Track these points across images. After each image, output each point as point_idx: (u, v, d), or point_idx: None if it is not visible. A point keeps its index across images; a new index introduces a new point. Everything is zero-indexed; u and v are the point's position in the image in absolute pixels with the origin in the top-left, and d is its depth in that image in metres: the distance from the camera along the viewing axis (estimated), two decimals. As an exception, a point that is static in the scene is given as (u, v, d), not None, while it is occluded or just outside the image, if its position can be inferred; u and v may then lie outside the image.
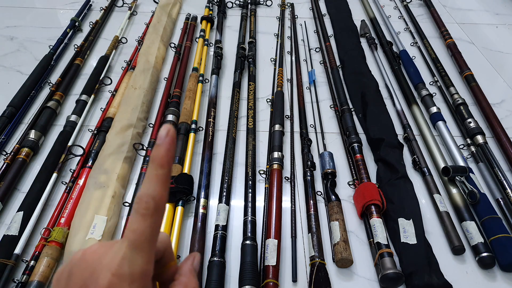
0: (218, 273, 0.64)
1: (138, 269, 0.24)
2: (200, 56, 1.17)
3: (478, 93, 1.07)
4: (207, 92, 1.07)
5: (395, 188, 0.79)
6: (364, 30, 1.35)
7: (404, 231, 0.71)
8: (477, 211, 0.77)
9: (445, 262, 0.71)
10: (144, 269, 0.24)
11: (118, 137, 0.85)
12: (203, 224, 0.73)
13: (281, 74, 1.12)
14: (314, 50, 1.27)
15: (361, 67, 1.16)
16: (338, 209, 0.76)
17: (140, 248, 0.24)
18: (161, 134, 0.25)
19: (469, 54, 1.24)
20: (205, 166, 0.83)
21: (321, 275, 0.65)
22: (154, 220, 0.24)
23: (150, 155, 0.25)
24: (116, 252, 0.23)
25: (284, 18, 1.43)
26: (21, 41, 1.25)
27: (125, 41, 1.25)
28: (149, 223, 0.24)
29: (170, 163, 0.25)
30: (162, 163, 0.24)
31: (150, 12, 1.41)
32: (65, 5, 1.47)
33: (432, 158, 0.90)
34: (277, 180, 0.81)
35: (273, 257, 0.67)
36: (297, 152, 0.92)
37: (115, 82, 1.08)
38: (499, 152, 0.93)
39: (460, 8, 1.58)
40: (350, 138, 0.91)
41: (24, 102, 0.98)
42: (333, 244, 0.71)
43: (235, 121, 0.96)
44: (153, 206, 0.24)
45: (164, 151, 0.24)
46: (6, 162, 0.81)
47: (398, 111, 1.02)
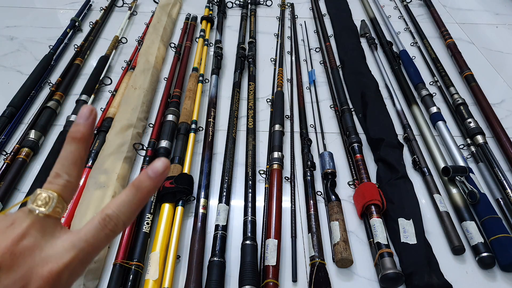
0: (218, 273, 0.64)
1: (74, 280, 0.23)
2: (200, 56, 1.17)
3: (478, 93, 1.07)
4: (207, 92, 1.07)
5: (395, 188, 0.79)
6: (364, 30, 1.35)
7: (404, 231, 0.71)
8: (477, 211, 0.77)
9: (445, 262, 0.71)
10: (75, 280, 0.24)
11: (118, 137, 0.85)
12: (203, 224, 0.73)
13: (281, 74, 1.12)
14: (314, 50, 1.27)
15: (361, 67, 1.16)
16: (338, 209, 0.76)
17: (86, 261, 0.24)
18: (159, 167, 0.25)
19: (469, 54, 1.24)
20: (205, 166, 0.83)
21: (321, 275, 0.65)
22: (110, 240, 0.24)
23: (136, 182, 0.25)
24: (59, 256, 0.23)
25: (284, 18, 1.43)
26: (21, 41, 1.25)
27: (125, 41, 1.25)
28: (106, 242, 0.24)
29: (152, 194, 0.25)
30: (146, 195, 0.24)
31: (150, 12, 1.41)
32: (65, 5, 1.47)
33: (432, 158, 0.90)
34: (277, 180, 0.81)
35: (273, 257, 0.67)
36: (297, 152, 0.92)
37: (115, 82, 1.08)
38: (499, 152, 0.93)
39: (460, 8, 1.58)
40: (350, 138, 0.91)
41: (24, 102, 0.98)
42: (333, 244, 0.71)
43: (235, 121, 0.96)
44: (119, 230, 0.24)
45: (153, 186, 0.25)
46: (6, 162, 0.81)
47: (398, 111, 1.02)
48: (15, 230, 0.23)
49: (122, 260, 0.65)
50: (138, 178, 0.25)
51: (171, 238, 0.70)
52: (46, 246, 0.23)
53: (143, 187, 0.24)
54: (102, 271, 0.67)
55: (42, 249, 0.23)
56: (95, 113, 0.27)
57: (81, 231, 0.24)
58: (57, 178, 0.25)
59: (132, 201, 0.24)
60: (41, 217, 0.23)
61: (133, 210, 0.24)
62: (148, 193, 0.25)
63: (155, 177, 0.25)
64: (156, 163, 0.25)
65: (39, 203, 0.24)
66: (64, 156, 0.26)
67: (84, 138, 0.26)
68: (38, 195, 0.24)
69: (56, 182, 0.25)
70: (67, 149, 0.26)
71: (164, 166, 0.25)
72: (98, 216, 0.24)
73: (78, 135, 0.26)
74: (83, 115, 0.26)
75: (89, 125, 0.26)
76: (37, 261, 0.22)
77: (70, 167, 0.25)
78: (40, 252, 0.22)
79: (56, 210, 0.24)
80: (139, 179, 0.25)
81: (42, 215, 0.23)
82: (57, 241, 0.23)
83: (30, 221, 0.23)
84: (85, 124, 0.26)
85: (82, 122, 0.26)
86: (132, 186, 0.24)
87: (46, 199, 0.24)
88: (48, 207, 0.24)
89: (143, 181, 0.24)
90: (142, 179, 0.24)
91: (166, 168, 0.25)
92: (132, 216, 0.24)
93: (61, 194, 0.25)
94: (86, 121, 0.26)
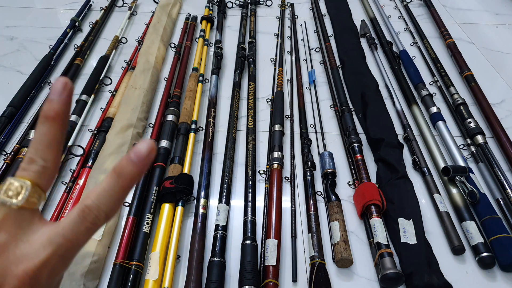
0: (218, 273, 0.64)
1: (56, 278, 0.21)
2: (200, 56, 1.17)
3: (478, 93, 1.07)
4: (207, 92, 1.07)
5: (395, 188, 0.79)
6: (364, 30, 1.35)
7: (404, 231, 0.71)
8: (477, 211, 0.77)
9: (445, 262, 0.71)
10: (59, 279, 0.22)
11: (118, 137, 0.85)
12: (203, 224, 0.73)
13: (281, 74, 1.12)
14: (314, 50, 1.27)
15: (361, 67, 1.16)
16: (338, 209, 0.76)
17: (67, 258, 0.21)
18: (142, 149, 0.21)
19: (469, 54, 1.24)
20: (205, 166, 0.83)
21: (321, 275, 0.65)
22: (92, 234, 0.22)
23: (117, 168, 0.22)
24: (35, 253, 0.20)
25: (284, 18, 1.43)
26: (21, 41, 1.25)
27: (125, 41, 1.25)
28: (88, 236, 0.21)
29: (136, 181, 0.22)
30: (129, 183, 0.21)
31: (150, 12, 1.41)
32: (65, 5, 1.47)
33: (432, 158, 0.90)
34: (277, 180, 0.81)
35: (273, 257, 0.67)
36: (297, 152, 0.91)
37: (115, 82, 1.08)
38: (499, 152, 0.93)
39: (460, 8, 1.58)
40: (350, 138, 0.91)
41: (24, 102, 0.98)
42: (333, 244, 0.71)
43: (235, 121, 0.96)
44: (101, 222, 0.21)
45: (137, 171, 0.21)
46: (6, 162, 0.81)
47: (398, 111, 1.02)
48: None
49: (122, 260, 0.65)
50: (119, 162, 0.21)
51: (171, 238, 0.70)
52: (22, 242, 0.20)
53: (125, 173, 0.21)
54: (102, 271, 0.67)
55: (16, 245, 0.20)
56: (70, 87, 0.23)
57: (59, 224, 0.21)
58: (31, 164, 0.22)
59: (113, 190, 0.21)
60: (14, 210, 0.21)
61: (116, 199, 0.21)
62: (132, 180, 0.21)
63: (139, 161, 0.21)
64: (140, 145, 0.21)
65: (10, 194, 0.21)
66: (37, 139, 0.22)
67: (59, 117, 0.22)
68: (8, 185, 0.21)
69: (30, 168, 0.22)
70: (41, 130, 0.22)
71: (149, 148, 0.21)
72: (77, 207, 0.21)
73: (51, 114, 0.22)
74: (56, 90, 0.22)
75: (64, 101, 0.22)
76: (11, 259, 0.20)
77: (45, 151, 0.22)
78: (14, 248, 0.20)
79: (31, 201, 0.21)
80: (121, 164, 0.21)
81: (15, 207, 0.21)
82: (34, 236, 0.21)
83: (2, 215, 0.21)
84: (59, 100, 0.22)
85: (55, 98, 0.22)
86: (113, 173, 0.21)
87: (18, 189, 0.21)
88: (20, 198, 0.21)
89: (125, 166, 0.21)
90: (124, 164, 0.21)
91: (150, 150, 0.21)
92: (115, 207, 0.21)
93: (36, 181, 0.22)
94: (60, 97, 0.22)
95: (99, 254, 0.66)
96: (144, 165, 0.22)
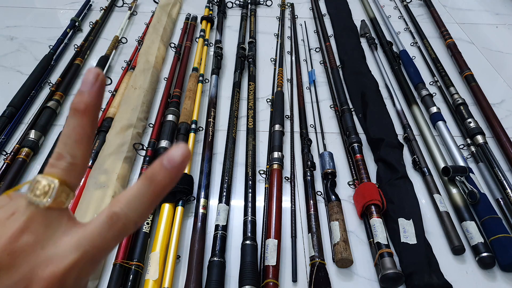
0: (218, 273, 0.64)
1: (84, 281, 0.21)
2: (200, 56, 1.17)
3: (478, 93, 1.07)
4: (207, 92, 1.07)
5: (395, 188, 0.79)
6: (364, 30, 1.35)
7: (404, 231, 0.71)
8: (477, 211, 0.77)
9: (445, 262, 0.71)
10: (85, 283, 0.21)
11: (118, 137, 0.85)
12: (203, 224, 0.73)
13: (281, 74, 1.12)
14: (314, 50, 1.27)
15: (361, 67, 1.16)
16: (338, 209, 0.76)
17: (94, 262, 0.21)
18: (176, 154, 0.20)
19: (469, 54, 1.24)
20: (205, 166, 0.83)
21: (321, 275, 0.65)
22: (121, 240, 0.21)
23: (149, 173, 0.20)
24: (63, 256, 0.20)
25: (284, 18, 1.43)
26: (21, 41, 1.25)
27: (125, 41, 1.25)
28: (116, 243, 0.21)
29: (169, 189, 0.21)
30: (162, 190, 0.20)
31: (150, 12, 1.41)
32: (65, 5, 1.47)
33: (432, 158, 0.90)
34: (277, 180, 0.81)
35: (273, 257, 0.67)
36: (297, 152, 0.91)
37: (115, 82, 1.08)
38: (499, 152, 0.93)
39: (460, 8, 1.58)
40: (350, 138, 0.91)
41: (24, 102, 0.98)
42: (333, 244, 0.71)
43: (235, 121, 0.96)
44: (130, 231, 0.20)
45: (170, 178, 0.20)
46: (6, 162, 0.81)
47: (398, 111, 1.02)
48: (14, 223, 0.19)
49: (122, 260, 0.65)
50: (152, 168, 0.20)
51: (171, 238, 0.70)
52: (49, 243, 0.20)
53: (157, 180, 0.20)
54: (102, 271, 0.67)
55: (44, 246, 0.20)
56: (102, 78, 0.22)
57: (87, 228, 0.20)
58: (59, 160, 0.21)
59: (144, 196, 0.20)
60: (42, 209, 0.20)
61: (146, 207, 0.20)
62: (164, 187, 0.20)
63: (172, 167, 0.20)
64: (174, 150, 0.20)
65: (37, 193, 0.20)
66: (66, 133, 0.22)
67: (90, 110, 0.21)
68: (36, 183, 0.20)
69: (58, 165, 0.21)
70: (70, 124, 0.22)
71: (183, 154, 0.20)
72: (106, 212, 0.20)
73: (81, 106, 0.21)
74: (88, 81, 0.21)
75: (95, 93, 0.21)
76: (39, 261, 0.19)
77: (74, 146, 0.21)
78: (41, 250, 0.19)
79: (59, 200, 0.20)
80: (153, 169, 0.20)
81: (42, 206, 0.20)
82: (62, 238, 0.20)
83: (30, 214, 0.20)
84: (90, 92, 0.21)
85: (86, 90, 0.21)
86: (144, 178, 0.20)
87: (46, 188, 0.20)
88: (48, 197, 0.20)
89: (157, 172, 0.20)
90: (157, 170, 0.20)
91: (185, 156, 0.20)
92: (145, 215, 0.21)
93: (64, 179, 0.21)
94: (92, 88, 0.21)
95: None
96: (178, 172, 0.20)
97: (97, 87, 0.21)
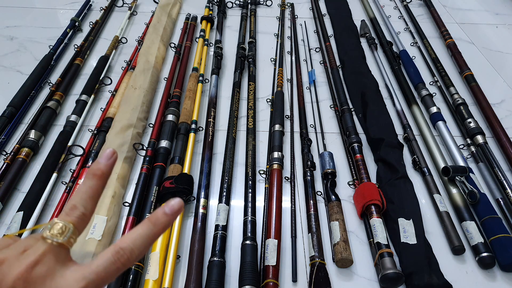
0: (218, 273, 0.64)
1: None
2: (200, 56, 1.17)
3: (478, 93, 1.07)
4: (207, 92, 1.07)
5: (395, 188, 0.79)
6: (364, 30, 1.35)
7: (404, 231, 0.71)
8: (477, 211, 0.77)
9: (445, 262, 0.71)
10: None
11: (118, 137, 0.85)
12: (203, 224, 0.73)
13: (281, 74, 1.12)
14: (314, 50, 1.27)
15: (361, 67, 1.16)
16: (338, 209, 0.76)
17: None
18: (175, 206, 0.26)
19: (469, 54, 1.24)
20: (205, 166, 0.83)
21: (321, 275, 0.65)
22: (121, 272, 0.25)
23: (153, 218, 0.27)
24: (68, 286, 0.23)
25: (284, 18, 1.43)
26: (21, 41, 1.25)
27: (125, 41, 1.25)
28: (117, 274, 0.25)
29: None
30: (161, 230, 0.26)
31: (150, 12, 1.41)
32: (65, 5, 1.47)
33: (432, 158, 0.90)
34: (277, 180, 0.81)
35: (273, 257, 0.67)
36: (297, 152, 0.91)
37: (115, 82, 1.08)
38: (499, 152, 0.93)
39: (460, 8, 1.58)
40: (350, 138, 0.91)
41: (24, 102, 0.98)
42: (333, 244, 0.71)
43: (235, 121, 0.96)
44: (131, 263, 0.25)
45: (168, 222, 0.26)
46: (6, 162, 0.81)
47: (398, 111, 1.02)
48: (30, 257, 0.23)
49: (122, 260, 0.65)
50: (155, 214, 0.26)
51: (171, 238, 0.70)
52: (57, 276, 0.23)
53: (159, 223, 0.26)
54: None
55: (53, 278, 0.23)
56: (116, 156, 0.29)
57: (92, 263, 0.24)
58: (74, 210, 0.26)
59: (148, 235, 0.25)
60: (55, 246, 0.24)
61: (147, 244, 0.25)
62: (164, 228, 0.26)
63: (171, 214, 0.26)
64: (173, 201, 0.27)
65: (55, 232, 0.25)
66: (83, 190, 0.27)
67: (104, 176, 0.28)
68: (55, 224, 0.25)
69: (73, 214, 0.26)
70: (87, 183, 0.28)
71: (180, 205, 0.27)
72: (112, 249, 0.25)
73: (98, 173, 0.28)
74: (106, 156, 0.29)
75: (110, 166, 0.29)
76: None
77: (87, 201, 0.27)
78: (51, 281, 0.23)
79: (70, 241, 0.25)
80: (156, 215, 0.26)
81: (56, 243, 0.24)
82: (67, 272, 0.24)
83: (44, 249, 0.24)
84: (106, 164, 0.28)
85: (104, 162, 0.28)
86: (148, 221, 0.26)
87: (63, 229, 0.25)
88: (63, 236, 0.25)
89: (160, 217, 0.26)
90: (160, 215, 0.26)
91: (181, 207, 0.27)
92: (145, 250, 0.25)
93: (76, 225, 0.26)
94: (107, 161, 0.28)
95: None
96: (175, 218, 0.27)
97: (111, 162, 0.29)
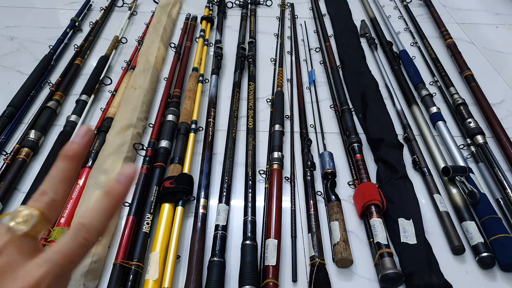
0: (218, 273, 0.64)
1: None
2: (200, 56, 1.17)
3: (478, 93, 1.07)
4: (207, 92, 1.07)
5: (395, 188, 0.79)
6: (364, 30, 1.35)
7: (404, 231, 0.71)
8: (477, 211, 0.77)
9: (445, 262, 0.71)
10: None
11: (118, 137, 0.85)
12: (203, 224, 0.73)
13: (281, 74, 1.12)
14: (314, 50, 1.27)
15: (361, 67, 1.16)
16: (338, 209, 0.76)
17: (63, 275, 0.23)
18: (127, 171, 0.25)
19: (469, 54, 1.24)
20: (205, 166, 0.83)
21: (321, 275, 0.65)
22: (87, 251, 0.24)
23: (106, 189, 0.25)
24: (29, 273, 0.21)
25: (284, 18, 1.43)
26: (21, 41, 1.25)
27: (125, 41, 1.25)
28: (82, 252, 0.23)
29: (124, 199, 0.26)
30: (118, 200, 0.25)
31: (150, 12, 1.41)
32: (65, 5, 1.47)
33: (432, 158, 0.90)
34: (277, 180, 0.81)
35: (273, 257, 0.67)
36: (297, 152, 0.91)
37: (115, 82, 1.08)
38: (499, 152, 0.93)
39: (460, 8, 1.58)
40: (350, 138, 0.91)
41: (24, 102, 0.98)
42: (333, 244, 0.71)
43: (235, 121, 0.96)
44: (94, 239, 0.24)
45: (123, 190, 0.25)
46: (6, 162, 0.81)
47: (398, 111, 1.02)
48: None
49: (122, 260, 0.65)
50: (108, 185, 0.25)
51: (171, 238, 0.70)
52: (19, 267, 0.22)
53: (115, 193, 0.25)
54: (102, 271, 0.67)
55: (14, 269, 0.22)
56: (91, 134, 0.27)
57: (54, 245, 0.23)
58: (42, 195, 0.25)
59: (105, 207, 0.24)
60: (19, 235, 0.23)
61: (107, 216, 0.24)
62: (120, 197, 0.25)
63: (124, 181, 0.25)
64: (125, 168, 0.26)
65: (18, 220, 0.23)
66: (53, 174, 0.25)
67: (76, 157, 0.26)
68: (18, 212, 0.23)
69: (41, 200, 0.24)
70: (58, 166, 0.26)
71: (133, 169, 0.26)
72: (72, 226, 0.24)
73: (70, 153, 0.26)
74: (79, 135, 0.26)
75: (83, 145, 0.26)
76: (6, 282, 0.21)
77: (57, 185, 0.25)
78: (11, 272, 0.21)
79: (35, 229, 0.23)
80: (110, 186, 0.25)
81: (20, 233, 0.23)
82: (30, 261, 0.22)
83: (7, 239, 0.22)
84: (79, 143, 0.26)
85: (76, 141, 0.26)
86: (104, 194, 0.25)
87: (27, 217, 0.23)
88: (27, 224, 0.23)
89: (114, 187, 0.25)
90: (114, 185, 0.25)
91: (134, 172, 0.26)
92: (106, 222, 0.24)
93: (44, 212, 0.24)
94: (81, 140, 0.26)
95: (99, 254, 0.66)
96: (128, 184, 0.25)
97: (85, 140, 0.26)
